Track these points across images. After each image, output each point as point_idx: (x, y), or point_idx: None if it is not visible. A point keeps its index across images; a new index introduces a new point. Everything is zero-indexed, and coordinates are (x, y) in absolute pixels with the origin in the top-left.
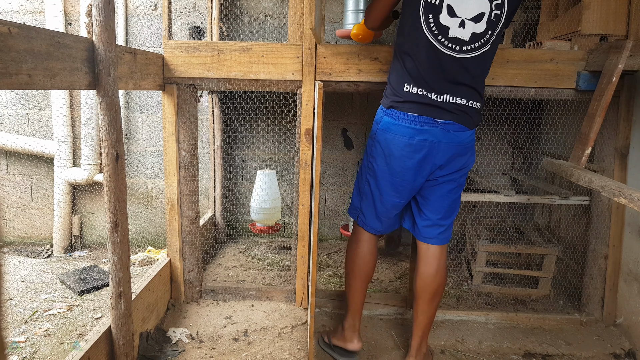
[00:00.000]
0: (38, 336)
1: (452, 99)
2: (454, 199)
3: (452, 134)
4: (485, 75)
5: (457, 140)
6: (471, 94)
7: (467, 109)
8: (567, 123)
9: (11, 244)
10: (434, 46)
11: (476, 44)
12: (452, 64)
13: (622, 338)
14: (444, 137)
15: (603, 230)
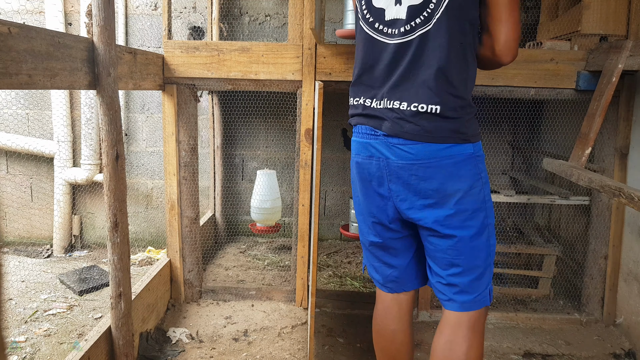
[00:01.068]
0: (38, 336)
1: (390, 103)
2: (468, 244)
3: (399, 150)
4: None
5: (412, 157)
6: (421, 94)
7: (411, 116)
8: (567, 123)
9: (11, 244)
10: (370, 37)
11: (416, 20)
12: (393, 55)
13: (622, 338)
14: (391, 154)
15: (603, 230)
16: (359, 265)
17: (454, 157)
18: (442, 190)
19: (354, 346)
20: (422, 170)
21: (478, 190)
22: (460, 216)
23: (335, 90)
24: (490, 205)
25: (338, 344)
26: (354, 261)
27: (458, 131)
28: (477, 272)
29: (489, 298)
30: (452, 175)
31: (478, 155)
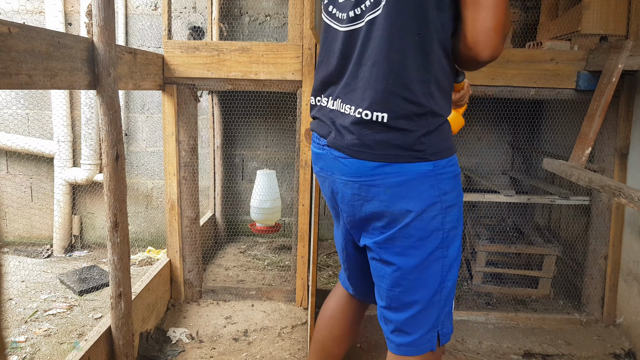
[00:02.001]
0: (38, 336)
1: (340, 106)
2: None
3: (342, 164)
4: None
5: (354, 174)
6: (366, 98)
7: (354, 124)
8: (567, 123)
9: (11, 244)
10: (325, 23)
11: (365, 3)
12: (343, 45)
13: (622, 338)
14: (336, 168)
15: (603, 230)
16: None
17: (403, 174)
18: (387, 213)
19: (354, 346)
20: (364, 189)
21: (432, 216)
22: (403, 242)
23: None
24: (454, 235)
25: None
26: None
27: (410, 148)
28: (415, 308)
29: (434, 343)
30: (399, 196)
31: (440, 173)
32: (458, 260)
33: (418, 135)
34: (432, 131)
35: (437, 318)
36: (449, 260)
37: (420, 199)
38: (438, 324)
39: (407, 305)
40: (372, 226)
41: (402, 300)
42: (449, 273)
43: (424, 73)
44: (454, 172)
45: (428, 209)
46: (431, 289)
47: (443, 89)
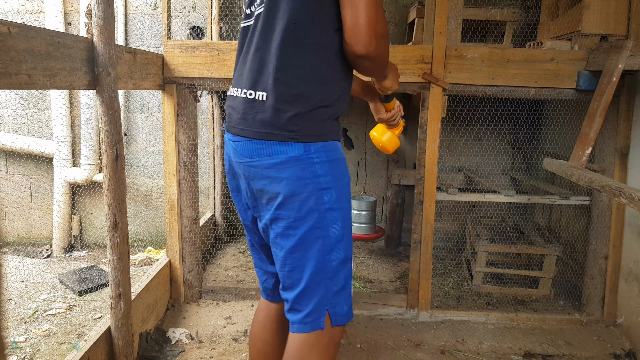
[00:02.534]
0: (38, 336)
1: (238, 91)
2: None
3: (239, 146)
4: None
5: (243, 155)
6: (252, 79)
7: (242, 104)
8: (567, 123)
9: (11, 244)
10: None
11: (255, 2)
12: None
13: (623, 338)
14: (234, 152)
15: (603, 230)
16: (359, 265)
17: (274, 156)
18: (267, 192)
19: (354, 346)
20: (247, 169)
21: (304, 197)
22: (282, 222)
23: None
24: (332, 216)
25: None
26: (353, 261)
27: (282, 127)
28: (300, 286)
29: (322, 322)
30: (272, 177)
31: (311, 157)
32: (344, 241)
33: (290, 115)
34: (305, 114)
35: (323, 296)
36: (330, 240)
37: (290, 180)
38: (326, 302)
39: (294, 283)
40: (261, 205)
41: (290, 278)
42: (332, 253)
43: (297, 59)
44: (329, 157)
45: (300, 191)
46: (312, 267)
47: (322, 78)
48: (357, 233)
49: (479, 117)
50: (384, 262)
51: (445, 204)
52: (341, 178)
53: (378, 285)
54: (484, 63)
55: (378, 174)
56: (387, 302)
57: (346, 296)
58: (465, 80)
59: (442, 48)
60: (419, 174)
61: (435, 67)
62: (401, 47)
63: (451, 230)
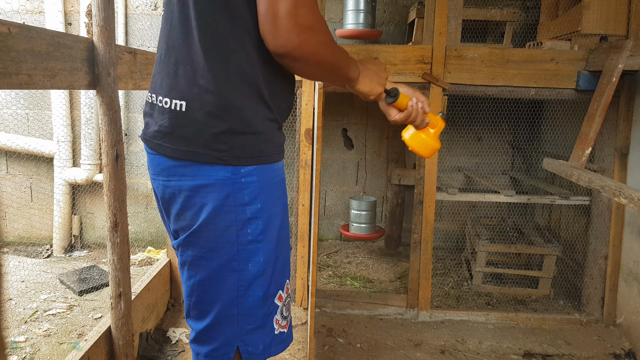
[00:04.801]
0: (38, 336)
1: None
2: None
3: (155, 160)
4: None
5: (153, 171)
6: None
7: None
8: (567, 123)
9: (11, 244)
10: None
11: None
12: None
13: (622, 338)
14: (150, 166)
15: (603, 230)
16: (359, 265)
17: (196, 178)
18: (183, 216)
19: (354, 346)
20: (162, 189)
21: (224, 227)
22: (194, 250)
23: (335, 90)
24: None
25: (338, 344)
26: (354, 261)
27: (208, 146)
28: (208, 320)
29: (230, 358)
30: (191, 201)
31: (239, 182)
32: (265, 276)
33: (218, 131)
34: (236, 131)
35: (234, 333)
36: (247, 275)
37: (211, 207)
38: (236, 339)
39: (201, 314)
40: (174, 227)
41: (197, 309)
42: (250, 289)
43: (219, 59)
44: (262, 182)
45: (219, 219)
46: (224, 302)
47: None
48: (357, 233)
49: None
50: (384, 262)
51: (445, 204)
52: (273, 206)
53: (378, 285)
54: (483, 63)
55: (378, 174)
56: (387, 302)
57: (264, 334)
58: (465, 80)
59: (442, 48)
60: (419, 174)
61: (435, 67)
62: (401, 47)
63: (451, 230)
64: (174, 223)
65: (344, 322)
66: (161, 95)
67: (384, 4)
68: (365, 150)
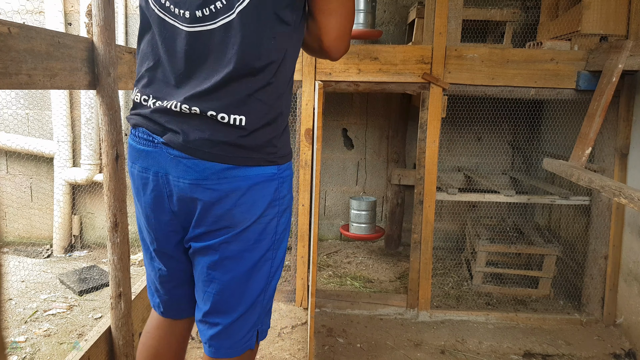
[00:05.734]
0: (38, 336)
1: (181, 107)
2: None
3: (184, 165)
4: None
5: (198, 176)
6: (222, 100)
7: (206, 126)
8: (567, 123)
9: (11, 244)
10: (159, 16)
11: (213, 6)
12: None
13: (622, 338)
14: (172, 169)
15: (603, 230)
16: (359, 265)
17: (250, 178)
18: (228, 216)
19: (354, 346)
20: (207, 192)
21: (269, 219)
22: (239, 245)
23: (335, 90)
24: (284, 236)
25: (338, 344)
26: (353, 261)
27: (261, 151)
28: (241, 310)
29: (254, 341)
30: (243, 201)
31: (282, 177)
32: (283, 259)
33: (270, 137)
34: (280, 134)
35: (258, 317)
36: (277, 261)
37: (262, 202)
38: (259, 322)
39: (234, 307)
40: (209, 229)
41: (230, 302)
42: (276, 273)
43: (276, 76)
44: (290, 175)
45: (267, 213)
46: (258, 290)
47: (290, 89)
48: (357, 233)
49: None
50: (384, 262)
51: (445, 204)
52: (292, 196)
53: (378, 285)
54: (483, 63)
55: (378, 174)
56: (387, 302)
57: (270, 309)
58: (465, 80)
59: (442, 48)
60: (419, 174)
61: (435, 67)
62: (401, 47)
63: (451, 230)
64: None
65: (344, 322)
66: (215, 111)
67: (384, 4)
68: (365, 150)
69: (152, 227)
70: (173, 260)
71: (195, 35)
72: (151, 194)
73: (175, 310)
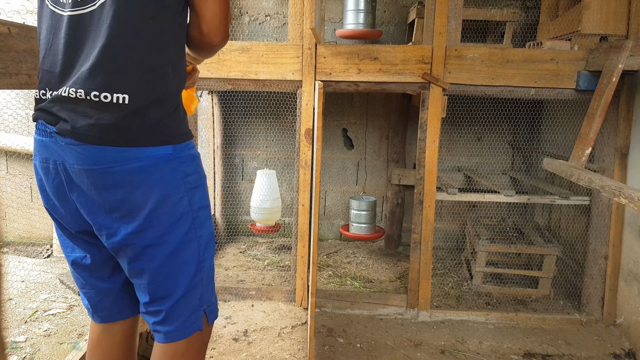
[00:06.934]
0: (38, 336)
1: (66, 91)
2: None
3: (74, 151)
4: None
5: (89, 161)
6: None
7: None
8: (567, 123)
9: (11, 244)
10: (50, 11)
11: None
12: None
13: (622, 338)
14: (67, 156)
15: (603, 230)
16: (359, 265)
17: (142, 160)
18: (129, 201)
19: (354, 346)
20: (102, 177)
21: (177, 199)
22: (154, 230)
23: (335, 90)
24: (204, 214)
25: (338, 344)
26: (353, 261)
27: (150, 131)
28: (179, 293)
29: (201, 322)
30: (140, 183)
31: (180, 156)
32: (213, 238)
33: (159, 117)
34: (171, 114)
35: (201, 297)
36: (204, 239)
37: (162, 183)
38: (203, 302)
39: (171, 291)
40: (118, 219)
41: (166, 288)
42: (206, 252)
43: (159, 56)
44: (192, 155)
45: (172, 193)
46: (191, 270)
47: (178, 73)
48: (357, 233)
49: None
50: (383, 262)
51: (445, 204)
52: (204, 175)
53: (378, 285)
54: (483, 63)
55: (378, 174)
56: (387, 302)
57: (213, 289)
58: (465, 80)
59: (442, 48)
60: (419, 174)
61: (435, 67)
62: (401, 47)
63: (451, 230)
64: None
65: (344, 322)
66: (98, 91)
67: (384, 4)
68: (365, 150)
69: (62, 217)
70: (92, 247)
71: (75, 19)
72: (53, 184)
73: (107, 311)
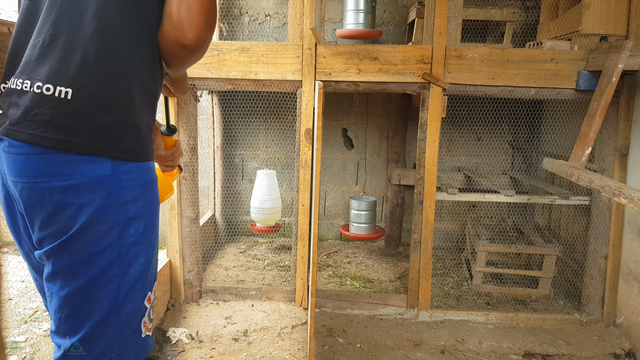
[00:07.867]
0: (38, 336)
1: (15, 83)
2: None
3: (19, 160)
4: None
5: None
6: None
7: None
8: (567, 123)
9: (11, 244)
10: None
11: None
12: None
13: (622, 338)
14: (9, 167)
15: (603, 230)
16: (359, 265)
17: (70, 177)
18: (54, 221)
19: (354, 346)
20: (26, 192)
21: (106, 228)
22: (70, 257)
23: (335, 90)
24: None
25: (338, 344)
26: (354, 261)
27: (88, 135)
28: (79, 334)
29: None
30: (65, 203)
31: (120, 179)
32: (145, 281)
33: (104, 123)
34: (124, 123)
35: (109, 344)
36: (129, 279)
37: (92, 208)
38: (111, 350)
39: (74, 328)
40: (40, 235)
41: (70, 322)
42: (129, 294)
43: (113, 51)
44: (141, 180)
45: (101, 220)
46: (102, 311)
47: (142, 79)
48: (357, 233)
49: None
50: (383, 262)
51: (445, 204)
52: (153, 204)
53: (378, 285)
54: (483, 63)
55: (378, 174)
56: (387, 302)
57: (135, 340)
58: (465, 80)
59: (442, 48)
60: (419, 174)
61: (435, 67)
62: (401, 47)
63: (451, 230)
64: (39, 231)
65: (344, 322)
66: (40, 81)
67: (384, 4)
68: (365, 150)
69: (14, 233)
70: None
71: (30, 5)
72: (3, 198)
73: None
